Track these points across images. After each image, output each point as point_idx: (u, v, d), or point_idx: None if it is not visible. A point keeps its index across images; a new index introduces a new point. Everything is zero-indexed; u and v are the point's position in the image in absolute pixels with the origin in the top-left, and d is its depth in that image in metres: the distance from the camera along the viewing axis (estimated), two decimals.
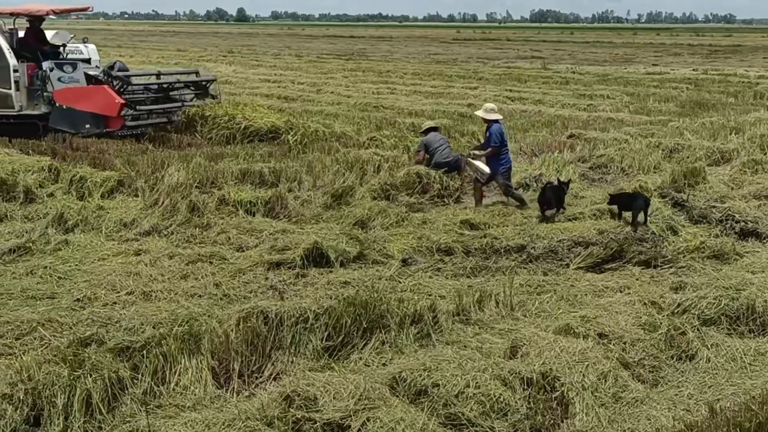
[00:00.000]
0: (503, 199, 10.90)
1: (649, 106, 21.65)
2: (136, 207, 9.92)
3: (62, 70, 16.17)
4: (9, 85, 15.69)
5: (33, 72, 16.05)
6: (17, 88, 15.73)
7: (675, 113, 19.89)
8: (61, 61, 16.47)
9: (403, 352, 5.77)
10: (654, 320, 6.17)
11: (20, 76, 15.77)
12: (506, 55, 49.51)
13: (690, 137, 14.75)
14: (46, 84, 15.86)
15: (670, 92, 24.96)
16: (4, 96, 15.80)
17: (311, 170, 12.06)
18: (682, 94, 24.43)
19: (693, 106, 21.41)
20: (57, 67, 16.09)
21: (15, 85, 15.68)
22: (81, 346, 5.41)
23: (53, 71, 15.94)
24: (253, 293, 7.12)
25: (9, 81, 15.66)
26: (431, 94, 24.66)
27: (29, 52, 16.24)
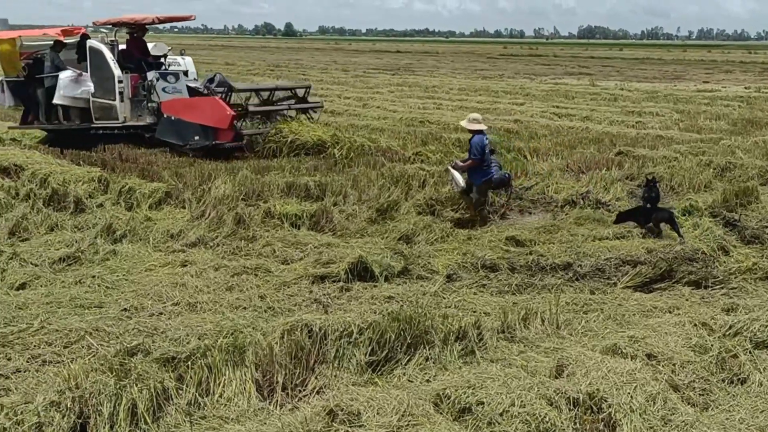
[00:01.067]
0: (549, 216, 10.81)
1: (700, 123, 21.28)
2: (183, 218, 10.06)
3: (166, 80, 16.19)
4: (113, 96, 15.76)
5: (136, 83, 16.15)
6: (121, 99, 15.77)
7: (726, 131, 19.51)
8: (165, 72, 16.48)
9: (447, 369, 5.72)
10: (704, 342, 6.02)
11: (124, 87, 15.84)
12: (553, 72, 49.19)
13: (742, 156, 14.44)
14: (152, 94, 15.92)
15: (721, 110, 24.50)
16: (109, 107, 15.88)
17: (356, 184, 12.10)
18: (734, 112, 23.96)
19: (745, 124, 20.99)
20: (161, 77, 16.11)
21: (119, 96, 15.72)
22: (127, 356, 5.47)
23: (158, 81, 15.97)
24: (297, 306, 7.14)
25: (113, 92, 15.73)
26: (477, 110, 24.43)
27: (132, 63, 16.33)
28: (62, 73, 16.09)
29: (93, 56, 15.91)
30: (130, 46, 16.93)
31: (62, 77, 16.01)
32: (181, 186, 11.87)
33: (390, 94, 30.23)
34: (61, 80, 15.99)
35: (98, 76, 15.87)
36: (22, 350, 5.89)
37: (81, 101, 16.10)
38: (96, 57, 15.88)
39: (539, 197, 11.95)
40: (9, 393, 5.17)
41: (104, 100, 15.90)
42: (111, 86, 15.72)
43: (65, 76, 16.02)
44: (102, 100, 15.92)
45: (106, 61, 15.74)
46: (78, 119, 16.37)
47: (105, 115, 16.01)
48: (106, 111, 15.95)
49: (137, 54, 16.75)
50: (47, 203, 10.68)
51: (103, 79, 15.82)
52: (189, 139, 15.41)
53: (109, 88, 15.77)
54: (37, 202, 10.64)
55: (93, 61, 15.92)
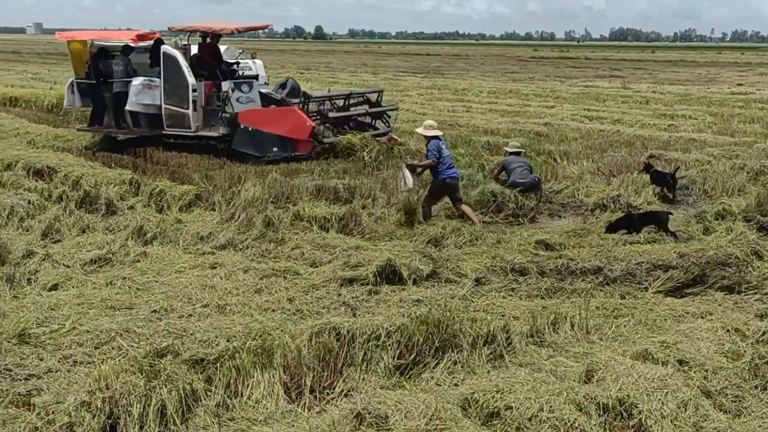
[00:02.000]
0: (579, 220, 10.75)
1: (734, 126, 20.99)
2: (213, 221, 10.13)
3: (240, 90, 15.87)
4: (186, 105, 15.44)
5: (210, 91, 15.80)
6: (194, 108, 15.46)
7: (761, 134, 19.21)
8: (239, 81, 16.16)
9: (476, 373, 5.68)
10: (737, 348, 5.92)
11: (198, 95, 15.52)
12: (584, 74, 48.82)
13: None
14: (226, 105, 15.56)
15: (755, 113, 24.13)
16: (181, 116, 15.58)
17: (385, 187, 12.11)
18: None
19: None
20: (236, 86, 15.80)
21: (192, 104, 15.40)
22: (157, 357, 5.51)
23: (233, 92, 15.66)
24: (325, 309, 7.14)
25: (187, 100, 15.41)
26: (507, 113, 24.47)
27: (206, 70, 15.98)
28: (135, 79, 15.89)
29: (167, 62, 15.58)
30: (204, 52, 16.52)
31: (135, 83, 15.80)
32: (211, 188, 11.96)
33: (419, 96, 30.21)
34: (134, 86, 15.77)
35: (171, 83, 15.59)
36: (54, 350, 5.96)
37: (152, 108, 15.84)
38: (170, 63, 15.55)
39: (569, 201, 11.89)
40: (41, 393, 5.24)
41: (176, 108, 15.57)
42: (185, 94, 15.42)
43: (138, 82, 15.80)
44: (174, 108, 15.60)
45: (181, 68, 15.44)
46: (148, 126, 16.11)
47: (176, 123, 15.71)
48: (177, 119, 15.65)
49: (211, 60, 16.37)
50: (79, 205, 10.81)
51: (176, 87, 15.52)
52: (267, 150, 15.10)
53: (182, 96, 15.46)
54: (69, 204, 10.78)
55: (166, 67, 15.59)
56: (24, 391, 5.29)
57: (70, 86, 17.15)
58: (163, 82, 15.64)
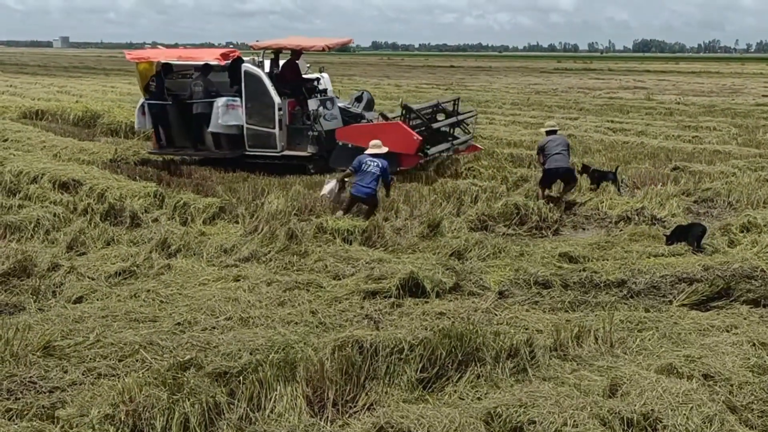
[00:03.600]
0: (603, 232, 10.71)
1: (759, 138, 20.80)
2: (237, 233, 10.18)
3: (325, 106, 15.70)
4: (273, 125, 15.13)
5: (293, 109, 15.54)
6: (280, 127, 15.18)
7: None
8: (323, 98, 15.96)
9: (499, 387, 5.66)
10: (763, 362, 5.84)
11: (283, 114, 15.25)
12: (608, 86, 48.62)
13: None
14: (316, 123, 15.32)
15: None
16: (267, 135, 15.25)
17: (408, 200, 12.13)
18: None
19: None
20: (321, 104, 15.61)
21: (278, 124, 15.15)
22: (180, 370, 5.52)
23: (321, 109, 15.46)
24: (348, 322, 7.14)
25: (273, 120, 15.10)
26: (530, 125, 24.41)
27: (289, 88, 15.68)
28: (218, 100, 15.46)
29: (249, 81, 15.25)
30: (286, 69, 16.23)
31: (219, 104, 15.39)
32: (235, 201, 12.03)
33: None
34: (219, 108, 15.37)
35: (254, 102, 15.28)
36: (78, 363, 5.98)
37: (235, 128, 15.51)
38: (253, 82, 15.23)
39: (593, 213, 11.85)
40: (65, 405, 5.27)
41: (261, 127, 15.28)
42: (270, 114, 15.12)
43: (221, 103, 15.39)
44: (258, 128, 15.32)
45: (265, 87, 15.11)
46: (229, 147, 15.84)
47: (261, 144, 15.41)
48: (262, 139, 15.34)
49: (293, 78, 16.05)
50: (104, 218, 10.86)
51: (260, 106, 15.21)
52: None
53: (267, 116, 15.16)
54: (94, 216, 10.83)
55: (249, 86, 15.25)
56: (48, 404, 5.31)
57: (140, 108, 16.56)
58: (245, 102, 15.30)
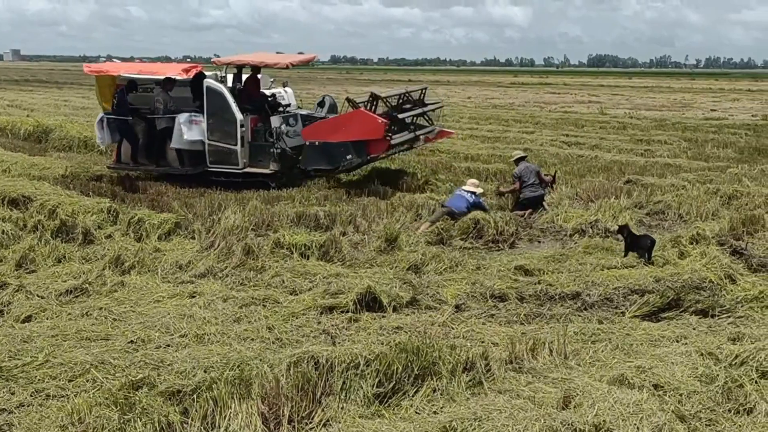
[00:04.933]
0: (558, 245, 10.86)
1: (708, 151, 21.30)
2: (192, 249, 10.07)
3: (288, 123, 15.57)
4: (235, 141, 14.95)
5: (255, 125, 15.36)
6: (242, 144, 15.00)
7: (734, 159, 19.53)
8: (287, 115, 15.84)
9: (455, 400, 5.68)
10: (711, 372, 5.96)
11: (245, 131, 15.06)
12: (563, 100, 49.30)
13: (749, 184, 14.42)
14: (278, 141, 15.17)
15: (728, 138, 24.52)
16: (228, 152, 15.07)
17: (366, 214, 12.14)
18: (741, 140, 23.98)
19: (752, 152, 21.03)
20: (284, 121, 15.51)
21: (240, 141, 14.96)
22: (132, 389, 5.46)
23: (283, 126, 15.34)
24: (305, 337, 7.12)
25: (235, 136, 14.92)
26: (487, 139, 24.66)
27: (251, 104, 15.54)
28: (180, 115, 15.25)
29: (211, 97, 15.06)
30: (249, 85, 16.16)
31: (181, 120, 15.20)
32: (191, 216, 11.94)
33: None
34: (181, 124, 15.19)
35: (216, 118, 15.08)
36: (26, 384, 5.87)
37: (197, 144, 15.34)
38: (215, 98, 15.04)
39: (548, 226, 11.98)
40: (12, 429, 5.17)
41: (223, 144, 15.08)
42: (231, 130, 14.95)
43: (183, 119, 15.21)
44: (220, 144, 15.15)
45: (227, 103, 14.94)
46: (191, 163, 15.67)
47: (222, 160, 15.19)
48: (224, 156, 15.17)
49: (256, 94, 16.00)
50: (55, 235, 10.61)
51: (222, 122, 15.04)
52: (341, 160, 14.74)
53: (229, 132, 14.99)
54: (45, 233, 10.59)
55: (211, 102, 15.06)
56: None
57: (100, 122, 16.27)
58: (207, 118, 15.12)
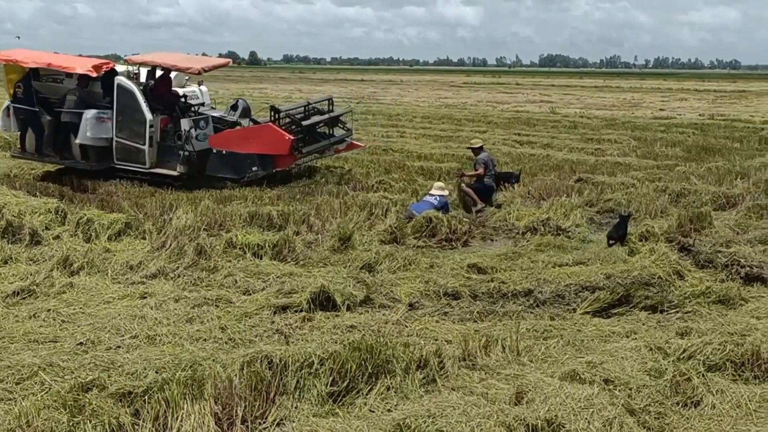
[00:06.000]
0: (510, 243, 10.97)
1: (656, 150, 21.71)
2: (143, 250, 9.94)
3: (198, 127, 15.51)
4: (143, 141, 14.93)
5: (165, 126, 15.32)
6: (150, 143, 14.97)
7: (681, 158, 19.94)
8: (197, 118, 15.77)
9: (409, 398, 5.70)
10: (660, 366, 6.10)
11: (155, 131, 15.02)
12: (515, 100, 49.82)
13: (696, 182, 14.77)
14: (186, 144, 15.14)
15: (676, 137, 25.05)
16: (135, 150, 15.04)
17: (319, 213, 12.11)
18: (689, 139, 24.52)
19: (699, 150, 21.49)
20: (194, 124, 15.45)
21: (149, 140, 14.93)
22: (82, 392, 5.38)
23: (193, 129, 15.27)
24: (258, 337, 7.09)
25: (144, 136, 14.91)
26: (440, 138, 24.81)
27: (163, 104, 15.48)
28: (87, 111, 15.14)
29: (122, 95, 15.04)
30: (160, 85, 16.10)
31: (88, 116, 15.06)
32: (142, 217, 11.77)
33: (354, 122, 30.29)
34: (88, 120, 15.04)
35: (126, 116, 15.05)
36: None
37: (104, 141, 15.24)
38: (125, 96, 15.03)
39: (501, 224, 12.08)
40: None
41: (130, 142, 15.05)
42: (140, 129, 14.94)
43: (91, 115, 15.08)
44: (128, 142, 15.07)
45: (138, 102, 14.91)
46: (96, 159, 15.48)
47: (129, 158, 15.14)
48: (131, 154, 15.11)
49: (167, 94, 15.96)
50: (1, 236, 10.40)
51: (131, 121, 15.01)
52: (246, 171, 14.92)
53: (138, 132, 14.97)
54: None
55: (121, 100, 15.05)
56: None
57: (6, 109, 16.21)
58: (116, 115, 15.05)
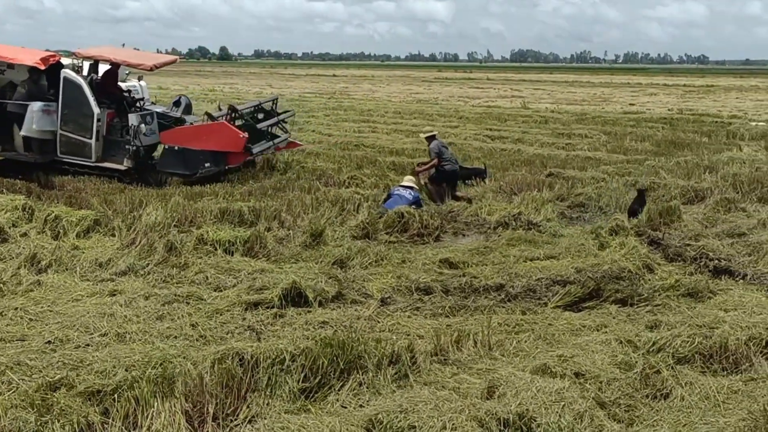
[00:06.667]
0: (482, 238, 11.01)
1: (626, 145, 21.92)
2: (113, 247, 9.81)
3: (145, 121, 15.50)
4: (89, 135, 14.85)
5: (111, 120, 15.28)
6: (97, 138, 14.90)
7: (651, 152, 20.16)
8: (144, 113, 15.79)
9: (381, 394, 5.71)
10: (630, 359, 6.16)
11: (101, 125, 14.97)
12: (487, 95, 50.01)
13: (665, 176, 14.93)
14: (135, 138, 15.14)
15: (646, 131, 25.31)
16: (81, 144, 14.97)
17: (291, 209, 12.06)
18: (658, 134, 24.78)
19: (668, 145, 21.72)
20: (142, 119, 15.44)
21: (96, 134, 14.86)
22: (50, 391, 5.31)
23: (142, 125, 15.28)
24: (230, 334, 7.02)
25: (89, 130, 14.83)
26: (412, 133, 24.77)
27: (109, 99, 15.46)
28: (33, 104, 15.00)
29: (68, 89, 14.90)
30: (107, 79, 16.07)
31: (34, 109, 14.93)
32: (111, 213, 11.63)
33: (326, 117, 30.28)
34: (33, 112, 14.91)
35: (72, 110, 14.93)
36: None
37: (48, 134, 15.13)
38: (72, 90, 14.88)
39: (472, 219, 12.10)
40: None
41: (76, 136, 14.96)
42: (87, 123, 14.85)
43: (36, 107, 14.93)
44: (73, 136, 14.98)
45: (85, 96, 14.80)
46: (40, 151, 15.33)
47: (74, 151, 15.08)
48: (77, 147, 15.01)
49: (114, 89, 15.97)
50: None
51: (78, 115, 14.90)
52: (199, 167, 15.05)
53: (84, 125, 14.88)
54: None
55: (67, 93, 14.89)
56: None
57: None
58: (62, 108, 14.95)
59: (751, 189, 13.79)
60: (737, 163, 16.54)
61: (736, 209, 12.23)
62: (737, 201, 12.68)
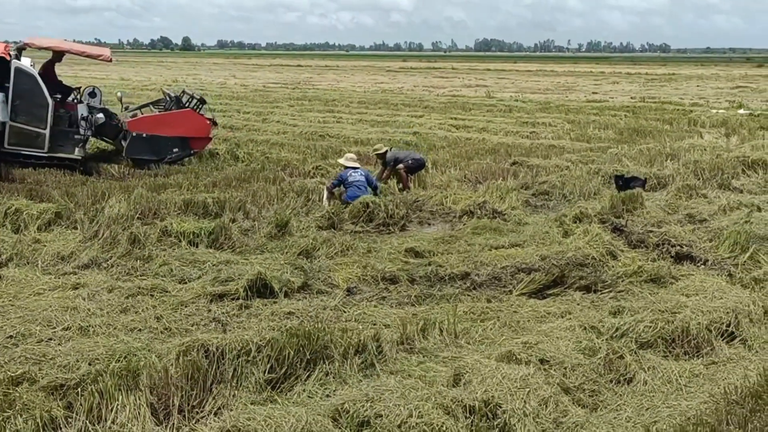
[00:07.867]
0: (447, 227, 11.06)
1: (589, 133, 22.12)
2: (75, 239, 9.68)
3: (91, 113, 15.62)
4: (44, 125, 14.76)
5: (57, 111, 15.17)
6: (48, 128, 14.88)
7: (614, 140, 20.37)
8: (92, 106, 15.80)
9: (347, 383, 5.73)
10: (593, 345, 6.25)
11: (51, 116, 14.89)
12: (451, 84, 50.11)
13: (628, 163, 15.12)
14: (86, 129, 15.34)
15: (609, 120, 25.55)
16: (34, 135, 14.82)
17: (256, 200, 12.00)
18: (621, 122, 25.04)
19: (631, 133, 21.96)
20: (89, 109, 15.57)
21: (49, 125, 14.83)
22: (12, 386, 5.24)
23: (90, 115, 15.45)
24: (195, 326, 6.98)
25: (44, 121, 14.75)
26: (377, 123, 24.80)
27: (52, 90, 15.29)
28: None
29: (21, 79, 14.57)
30: (50, 71, 16.02)
31: None
32: (73, 206, 11.46)
33: (290, 108, 30.10)
34: None
35: (24, 100, 14.65)
36: None
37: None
38: (25, 80, 14.59)
39: (438, 208, 12.14)
40: None
41: (30, 127, 14.79)
42: (41, 114, 14.72)
43: None
44: (25, 127, 14.77)
45: (40, 87, 14.65)
46: None
47: (25, 142, 14.88)
48: (29, 138, 14.84)
49: (54, 79, 15.93)
50: None
51: (31, 105, 14.68)
52: (167, 153, 15.86)
53: (38, 116, 14.73)
54: None
55: (19, 84, 14.55)
56: None
57: None
58: (13, 99, 14.66)
59: (711, 175, 14.05)
60: (698, 150, 16.83)
61: (697, 195, 12.45)
62: (698, 188, 12.91)
